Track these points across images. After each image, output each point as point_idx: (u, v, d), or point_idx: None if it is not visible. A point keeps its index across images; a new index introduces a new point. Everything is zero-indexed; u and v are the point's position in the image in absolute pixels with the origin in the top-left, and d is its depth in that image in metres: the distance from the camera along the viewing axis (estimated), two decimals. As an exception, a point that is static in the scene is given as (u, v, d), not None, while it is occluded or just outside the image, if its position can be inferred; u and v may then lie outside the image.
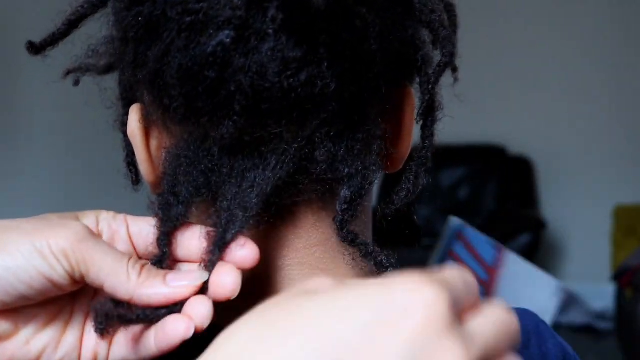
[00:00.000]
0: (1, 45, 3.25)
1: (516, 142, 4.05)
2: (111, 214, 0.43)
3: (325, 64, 0.39)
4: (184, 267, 0.42)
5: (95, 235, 0.40)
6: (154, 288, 0.39)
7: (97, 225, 0.42)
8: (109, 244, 0.40)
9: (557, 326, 3.66)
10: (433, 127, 0.48)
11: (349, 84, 0.40)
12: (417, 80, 0.47)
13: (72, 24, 0.47)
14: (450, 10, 0.50)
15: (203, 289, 0.39)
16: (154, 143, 0.45)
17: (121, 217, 0.43)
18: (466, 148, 3.99)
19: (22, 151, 3.30)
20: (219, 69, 0.38)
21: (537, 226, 3.56)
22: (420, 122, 0.47)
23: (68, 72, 0.50)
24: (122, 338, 0.41)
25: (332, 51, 0.39)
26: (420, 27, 0.46)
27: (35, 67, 3.04)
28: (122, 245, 0.42)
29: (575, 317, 3.67)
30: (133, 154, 0.47)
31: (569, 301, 3.78)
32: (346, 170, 0.42)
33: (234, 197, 0.41)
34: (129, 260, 0.39)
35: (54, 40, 0.47)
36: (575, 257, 4.09)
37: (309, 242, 0.44)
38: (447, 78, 0.49)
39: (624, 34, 3.95)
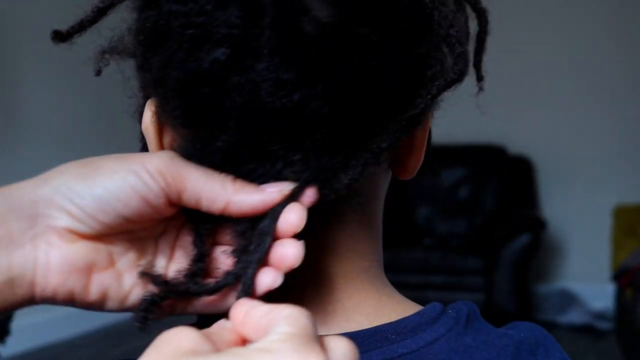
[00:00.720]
0: (1, 46, 3.25)
1: (516, 142, 4.05)
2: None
3: (320, 87, 0.39)
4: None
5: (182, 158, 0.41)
6: (249, 194, 0.40)
7: None
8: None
9: (557, 326, 3.66)
10: (403, 134, 0.45)
11: (348, 106, 0.40)
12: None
13: (100, 12, 0.47)
14: (482, 16, 0.49)
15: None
16: (167, 139, 0.46)
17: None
18: (466, 148, 3.99)
19: (22, 151, 3.30)
20: (214, 85, 0.39)
21: (537, 226, 3.56)
22: (398, 123, 0.45)
23: (104, 53, 0.48)
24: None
25: (328, 74, 0.39)
26: (438, 42, 0.44)
27: (35, 67, 3.02)
28: None
29: (575, 317, 3.67)
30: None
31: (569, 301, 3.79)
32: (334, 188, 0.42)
33: (264, 175, 0.41)
34: (218, 173, 0.41)
35: (81, 27, 0.47)
36: (575, 257, 4.10)
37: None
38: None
39: (624, 35, 3.95)
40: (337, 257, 0.45)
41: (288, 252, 0.39)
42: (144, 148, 0.50)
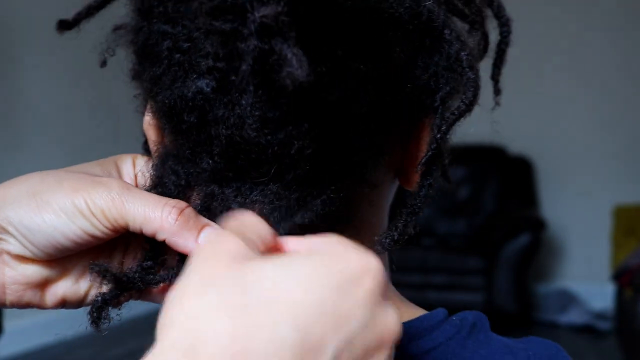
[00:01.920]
0: (1, 45, 3.25)
1: (516, 142, 4.05)
2: (145, 158, 0.46)
3: (306, 126, 0.38)
4: None
5: (130, 187, 0.41)
6: (186, 241, 0.40)
7: (134, 168, 0.45)
8: (145, 192, 0.42)
9: (557, 326, 3.66)
10: (433, 178, 0.45)
11: (335, 143, 0.39)
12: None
13: None
14: (505, 26, 0.48)
15: None
16: (166, 138, 0.46)
17: None
18: (466, 148, 3.99)
19: (22, 151, 3.30)
20: (199, 114, 0.39)
21: (537, 226, 3.56)
22: (421, 170, 0.45)
23: (110, 39, 0.47)
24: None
25: (313, 114, 0.38)
26: (449, 62, 0.43)
27: (36, 67, 3.00)
28: None
29: (575, 317, 3.67)
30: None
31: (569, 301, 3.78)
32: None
33: (237, 189, 0.41)
34: (165, 205, 0.40)
35: (88, 13, 0.47)
36: (575, 257, 4.09)
37: None
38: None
39: (624, 35, 3.95)
40: None
41: None
42: (145, 144, 0.50)
